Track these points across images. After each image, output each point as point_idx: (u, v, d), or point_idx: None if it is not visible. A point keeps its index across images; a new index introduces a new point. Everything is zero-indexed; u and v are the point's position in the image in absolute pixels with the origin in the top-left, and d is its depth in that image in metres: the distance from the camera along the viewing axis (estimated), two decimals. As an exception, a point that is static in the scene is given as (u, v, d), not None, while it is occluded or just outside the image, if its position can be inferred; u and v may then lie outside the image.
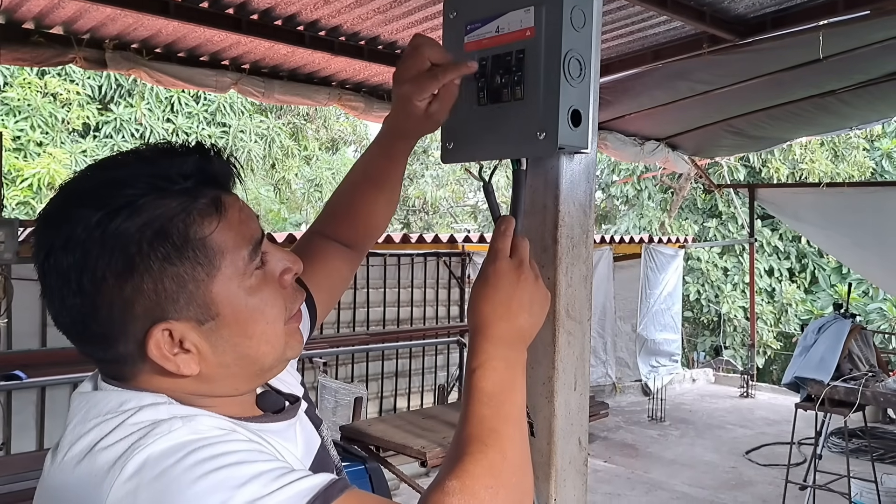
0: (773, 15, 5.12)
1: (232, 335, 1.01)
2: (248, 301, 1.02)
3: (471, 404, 1.07)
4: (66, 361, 6.03)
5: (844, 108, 7.37)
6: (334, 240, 1.52)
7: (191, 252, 0.97)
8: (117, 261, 0.94)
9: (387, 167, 1.49)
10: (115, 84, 15.50)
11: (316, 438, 1.24)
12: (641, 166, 15.72)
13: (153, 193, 0.96)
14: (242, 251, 1.02)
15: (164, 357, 0.98)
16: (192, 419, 0.96)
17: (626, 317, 11.72)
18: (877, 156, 17.20)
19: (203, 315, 0.99)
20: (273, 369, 1.10)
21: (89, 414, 0.98)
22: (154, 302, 0.97)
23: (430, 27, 5.18)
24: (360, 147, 21.98)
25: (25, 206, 13.67)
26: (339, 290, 1.57)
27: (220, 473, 0.87)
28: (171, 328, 0.98)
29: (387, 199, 1.54)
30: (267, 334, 1.04)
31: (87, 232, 0.94)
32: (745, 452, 8.75)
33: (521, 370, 1.13)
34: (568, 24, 1.28)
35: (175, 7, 4.58)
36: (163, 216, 0.96)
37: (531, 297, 1.15)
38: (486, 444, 1.01)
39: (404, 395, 9.32)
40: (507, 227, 1.19)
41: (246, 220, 1.05)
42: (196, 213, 0.98)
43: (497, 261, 1.16)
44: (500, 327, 1.13)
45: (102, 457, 0.90)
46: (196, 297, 0.98)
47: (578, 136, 1.31)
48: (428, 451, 4.50)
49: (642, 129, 8.26)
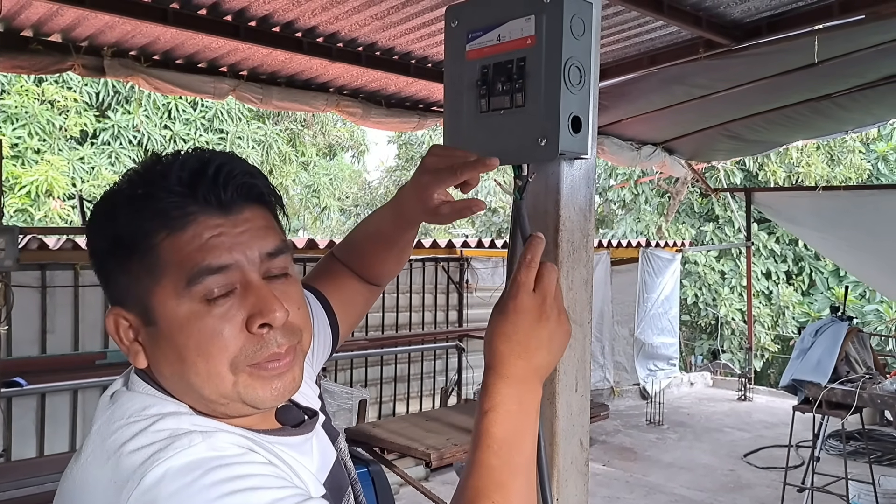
0: (769, 19, 5.14)
1: (168, 349, 1.02)
2: (183, 325, 1.01)
3: (480, 451, 1.04)
4: (66, 368, 6.05)
5: (840, 111, 7.39)
6: (352, 271, 1.56)
7: (139, 253, 1.02)
8: (99, 240, 1.07)
9: (394, 233, 1.49)
10: (113, 91, 15.48)
11: (332, 452, 1.25)
12: (638, 171, 15.74)
13: (136, 194, 1.04)
14: (183, 273, 1.00)
15: (117, 337, 1.06)
16: (212, 435, 0.97)
17: (624, 321, 11.73)
18: (873, 158, 17.23)
19: (145, 317, 1.03)
20: (227, 405, 1.04)
21: (114, 415, 1.01)
22: (116, 287, 1.06)
23: (427, 34, 5.20)
24: (357, 153, 22.01)
25: (23, 214, 13.64)
26: (360, 312, 1.61)
27: (235, 498, 0.88)
28: (126, 317, 1.05)
29: (396, 256, 1.56)
30: (197, 366, 1.01)
31: (92, 215, 1.09)
32: (743, 455, 8.76)
33: (535, 411, 1.10)
34: (568, 32, 1.30)
35: (173, 14, 4.58)
36: (133, 212, 1.03)
37: (551, 335, 1.09)
38: (492, 500, 1.00)
39: (403, 400, 9.34)
40: (533, 257, 1.11)
41: (212, 247, 1.02)
42: (157, 220, 1.01)
43: (518, 295, 1.09)
44: (516, 366, 1.08)
45: (125, 462, 0.93)
46: (141, 299, 1.03)
47: (579, 143, 1.33)
48: (432, 452, 4.52)
49: (639, 133, 8.27)
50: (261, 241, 1.06)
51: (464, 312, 10.00)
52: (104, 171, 14.95)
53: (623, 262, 11.71)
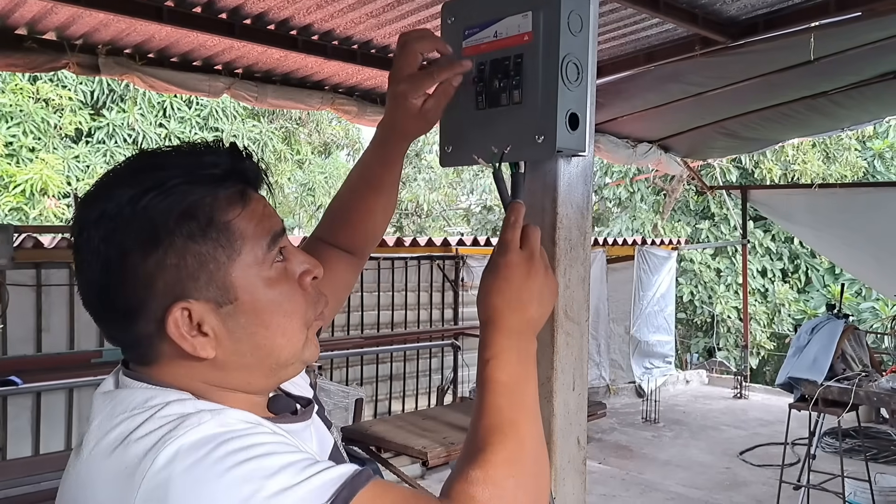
0: (765, 17, 5.14)
1: (249, 322, 1.04)
2: (266, 291, 1.05)
3: (487, 395, 1.09)
4: (62, 367, 6.04)
5: (836, 109, 7.40)
6: (335, 246, 1.54)
7: (213, 233, 1.01)
8: (143, 234, 0.99)
9: (382, 170, 1.50)
10: (108, 89, 15.44)
11: (329, 439, 1.26)
12: (634, 168, 15.74)
13: (184, 178, 1.02)
14: (262, 241, 1.05)
15: (181, 336, 1.01)
16: (220, 412, 0.98)
17: (620, 319, 11.74)
18: (869, 156, 17.25)
19: (222, 297, 1.02)
20: (289, 368, 1.11)
21: (115, 410, 1.00)
22: (175, 278, 1.00)
23: (424, 31, 5.19)
24: (352, 150, 21.97)
25: (18, 213, 13.61)
26: (342, 295, 1.59)
27: (250, 464, 0.89)
28: (191, 307, 1.01)
29: (384, 204, 1.55)
30: (283, 327, 1.06)
31: (118, 208, 1.00)
32: (739, 453, 8.78)
33: (532, 360, 1.16)
34: (565, 28, 1.29)
35: (168, 12, 4.57)
36: (190, 197, 1.01)
37: (541, 288, 1.17)
38: (505, 434, 1.05)
39: (399, 399, 9.33)
40: (516, 218, 1.20)
41: (269, 215, 1.08)
42: (222, 198, 1.03)
43: (507, 253, 1.17)
44: (511, 319, 1.15)
45: (134, 448, 0.92)
46: (216, 279, 1.02)
47: (576, 140, 1.33)
48: (429, 451, 4.53)
49: (635, 131, 8.27)
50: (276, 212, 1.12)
51: (459, 310, 10.00)
52: (99, 169, 14.86)
53: (619, 260, 11.73)
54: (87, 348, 6.28)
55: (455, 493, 0.98)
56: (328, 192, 19.87)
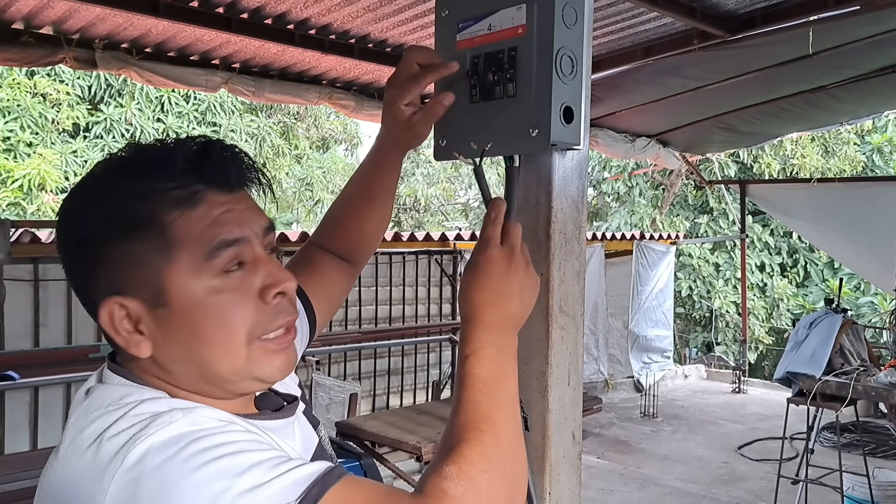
0: (764, 11, 5.13)
1: (181, 329, 1.02)
2: (202, 300, 1.02)
3: (464, 391, 1.10)
4: (60, 362, 6.03)
5: (835, 103, 7.39)
6: (331, 252, 1.55)
7: (149, 234, 1.01)
8: (90, 228, 1.03)
9: (376, 179, 1.51)
10: (105, 84, 15.42)
11: (314, 437, 1.25)
12: (632, 163, 15.76)
13: (142, 174, 1.02)
14: (203, 247, 1.02)
15: (114, 331, 1.03)
16: (192, 411, 0.98)
17: (618, 313, 11.74)
18: (867, 150, 17.25)
19: (154, 300, 1.02)
20: (237, 383, 1.07)
21: (91, 406, 1.00)
22: (114, 274, 1.02)
23: (420, 25, 5.18)
24: (350, 146, 21.97)
25: (16, 208, 13.61)
26: (336, 301, 1.59)
27: (220, 462, 0.89)
28: (126, 304, 1.02)
29: (378, 213, 1.56)
30: (215, 339, 1.03)
31: (74, 203, 1.06)
32: (737, 448, 8.79)
33: (512, 356, 1.15)
34: (560, 21, 1.29)
35: (165, 6, 4.55)
36: (136, 195, 1.02)
37: (521, 284, 1.16)
38: (480, 429, 1.04)
39: (397, 393, 9.33)
40: (497, 214, 1.19)
41: (224, 222, 1.04)
42: (165, 199, 1.02)
43: (487, 249, 1.16)
44: (491, 315, 1.14)
45: (106, 446, 0.92)
46: (150, 280, 1.01)
47: (571, 133, 1.32)
48: (423, 446, 4.52)
49: (633, 125, 8.26)
50: (259, 217, 1.09)
51: (457, 306, 9.98)
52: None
53: (617, 255, 11.72)
54: (84, 343, 6.27)
55: (428, 488, 0.97)
56: (326, 187, 19.88)
